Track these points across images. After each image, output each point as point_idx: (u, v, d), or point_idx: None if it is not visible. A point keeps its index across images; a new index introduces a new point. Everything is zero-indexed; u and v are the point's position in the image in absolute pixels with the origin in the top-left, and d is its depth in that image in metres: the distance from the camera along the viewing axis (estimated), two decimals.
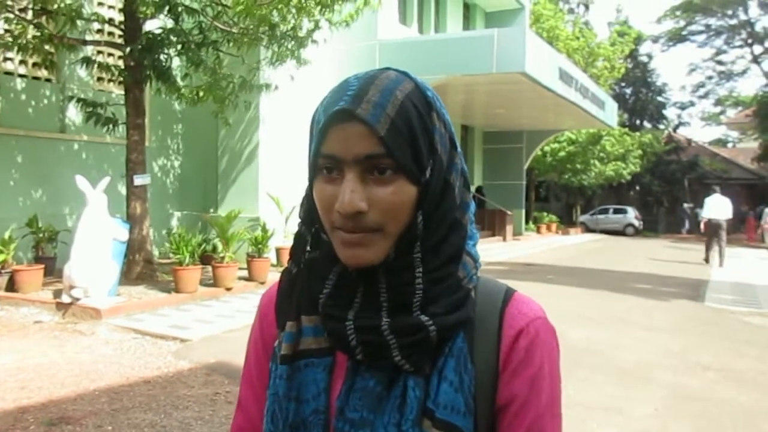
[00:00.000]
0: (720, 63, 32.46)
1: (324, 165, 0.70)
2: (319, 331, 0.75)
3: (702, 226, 14.57)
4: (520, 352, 0.73)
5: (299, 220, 0.80)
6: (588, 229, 27.06)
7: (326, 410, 0.73)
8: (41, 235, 8.11)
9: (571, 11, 29.97)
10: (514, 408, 0.73)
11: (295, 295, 0.78)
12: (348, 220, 0.68)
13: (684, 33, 31.45)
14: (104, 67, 8.19)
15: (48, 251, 8.22)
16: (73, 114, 9.26)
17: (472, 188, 1.29)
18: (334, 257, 0.73)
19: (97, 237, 6.57)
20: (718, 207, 13.93)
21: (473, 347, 0.73)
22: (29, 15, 7.65)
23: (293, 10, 7.40)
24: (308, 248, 0.78)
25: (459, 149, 0.77)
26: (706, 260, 14.50)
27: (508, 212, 19.14)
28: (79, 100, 8.18)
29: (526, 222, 22.21)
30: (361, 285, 0.73)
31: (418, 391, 0.70)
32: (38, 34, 7.40)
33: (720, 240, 13.79)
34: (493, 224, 19.02)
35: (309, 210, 0.77)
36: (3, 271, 7.20)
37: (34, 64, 8.84)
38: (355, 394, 0.71)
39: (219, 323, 6.36)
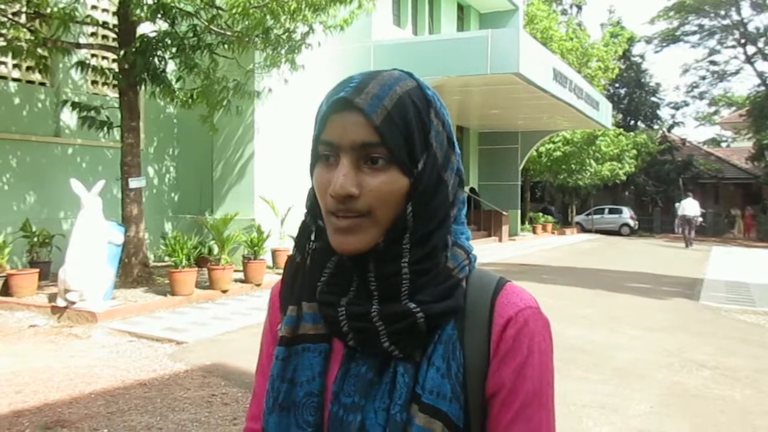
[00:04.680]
0: (713, 63, 32.49)
1: (323, 152, 0.74)
2: (318, 318, 0.78)
3: (677, 221, 20.52)
4: (508, 340, 0.74)
5: (305, 211, 0.83)
6: (583, 230, 27.10)
7: (320, 393, 0.76)
8: (35, 239, 8.09)
9: (564, 12, 30.02)
10: (501, 396, 0.74)
11: (298, 282, 0.82)
12: (339, 203, 0.71)
13: (677, 33, 31.45)
14: (98, 70, 8.18)
15: (43, 255, 8.19)
16: (68, 117, 9.24)
17: (465, 189, 1.29)
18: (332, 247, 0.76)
19: (92, 240, 6.55)
20: (690, 207, 19.80)
21: (464, 336, 0.75)
22: (23, 19, 7.63)
23: (287, 13, 7.39)
24: (312, 238, 0.81)
25: (457, 150, 0.79)
26: (688, 245, 19.62)
27: (504, 213, 19.17)
28: (73, 103, 8.16)
29: (522, 222, 22.24)
30: (355, 274, 0.75)
31: (407, 377, 0.72)
32: (32, 38, 7.38)
33: (691, 230, 19.88)
34: (488, 225, 19.05)
35: (313, 201, 0.80)
36: None
37: (28, 68, 8.82)
38: (350, 379, 0.74)
39: (215, 325, 6.35)
